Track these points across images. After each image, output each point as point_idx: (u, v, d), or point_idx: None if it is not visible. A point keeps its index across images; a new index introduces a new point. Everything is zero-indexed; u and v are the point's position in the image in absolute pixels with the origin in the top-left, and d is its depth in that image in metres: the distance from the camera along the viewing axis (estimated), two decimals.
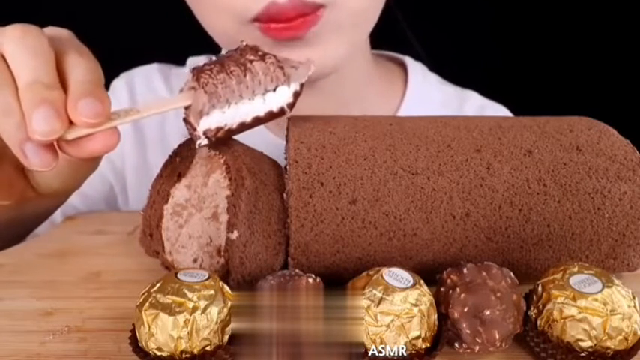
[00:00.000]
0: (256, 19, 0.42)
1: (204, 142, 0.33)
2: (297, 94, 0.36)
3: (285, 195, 0.35)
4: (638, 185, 0.34)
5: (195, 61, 0.64)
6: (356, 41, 0.50)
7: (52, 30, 0.33)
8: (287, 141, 0.36)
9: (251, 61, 0.33)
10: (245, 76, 0.33)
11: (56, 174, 0.37)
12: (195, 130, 0.33)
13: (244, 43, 0.35)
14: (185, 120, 0.34)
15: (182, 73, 0.63)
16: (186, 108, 0.33)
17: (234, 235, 0.32)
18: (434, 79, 0.63)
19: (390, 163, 0.34)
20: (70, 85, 0.30)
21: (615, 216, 0.34)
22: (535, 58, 0.87)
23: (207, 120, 0.33)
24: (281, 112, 0.36)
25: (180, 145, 0.37)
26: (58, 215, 0.50)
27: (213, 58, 0.34)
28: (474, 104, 0.63)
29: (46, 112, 0.28)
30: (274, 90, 0.34)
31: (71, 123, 0.29)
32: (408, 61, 0.62)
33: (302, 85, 0.36)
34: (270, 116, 0.35)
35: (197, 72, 0.32)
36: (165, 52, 0.65)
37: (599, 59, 0.85)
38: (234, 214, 0.33)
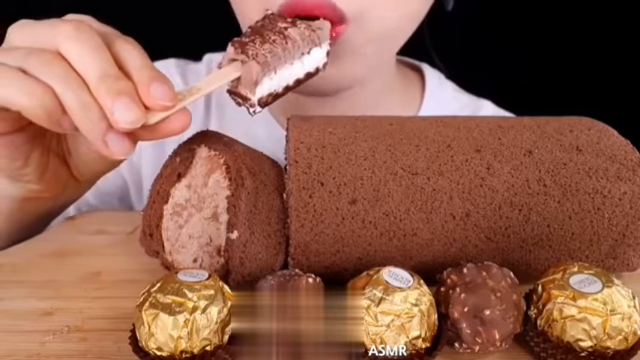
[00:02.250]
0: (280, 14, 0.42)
1: (259, 109, 0.35)
2: (328, 53, 0.39)
3: (285, 195, 0.35)
4: (638, 185, 0.34)
5: (211, 57, 0.65)
6: (376, 63, 0.49)
7: (74, 17, 0.34)
8: (287, 141, 0.36)
9: (286, 29, 0.36)
10: (287, 43, 0.35)
11: (102, 157, 0.38)
12: (249, 99, 0.35)
13: (270, 12, 0.38)
14: (231, 92, 0.35)
15: (197, 70, 0.64)
16: (232, 81, 0.35)
17: (234, 235, 0.32)
18: (450, 86, 0.63)
19: (390, 163, 0.34)
20: (133, 74, 0.31)
21: (615, 216, 0.34)
22: (535, 59, 0.87)
23: (261, 89, 0.34)
24: (316, 71, 0.39)
25: (180, 145, 0.37)
26: (71, 209, 0.50)
27: (248, 30, 0.36)
28: (488, 113, 0.63)
29: (127, 102, 0.29)
30: (309, 52, 0.37)
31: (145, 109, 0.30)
32: (425, 68, 0.63)
33: (330, 44, 0.39)
34: (308, 76, 0.39)
35: (239, 45, 0.34)
36: (175, 48, 0.65)
37: (599, 59, 0.85)
38: (234, 214, 0.33)
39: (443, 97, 0.61)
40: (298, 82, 0.38)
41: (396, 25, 0.46)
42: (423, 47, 0.62)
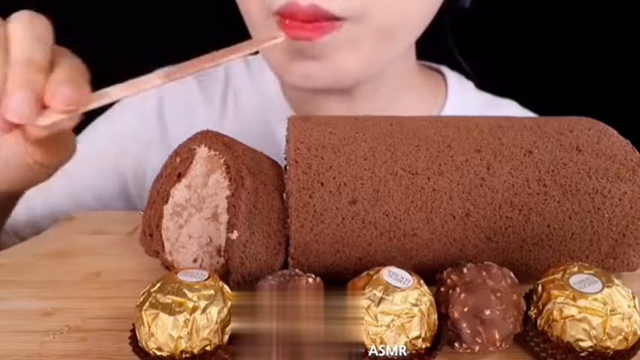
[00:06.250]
0: (277, 13, 0.44)
1: None
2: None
3: (285, 195, 0.35)
4: (638, 185, 0.34)
5: None
6: (379, 58, 0.49)
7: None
8: (287, 141, 0.36)
9: None
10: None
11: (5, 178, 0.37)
12: None
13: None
14: None
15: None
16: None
17: (234, 235, 0.32)
18: (471, 87, 0.64)
19: (390, 163, 0.34)
20: (54, 72, 0.31)
21: (615, 216, 0.34)
22: (535, 58, 0.87)
23: None
24: None
25: (180, 145, 0.37)
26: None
27: None
28: (511, 112, 0.63)
29: (25, 96, 0.30)
30: None
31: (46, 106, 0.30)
32: (445, 69, 0.63)
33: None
34: None
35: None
36: (167, 55, 0.65)
37: (599, 59, 0.85)
38: (234, 214, 0.33)
39: (466, 96, 0.61)
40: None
41: (398, 23, 0.46)
42: (440, 53, 0.63)
